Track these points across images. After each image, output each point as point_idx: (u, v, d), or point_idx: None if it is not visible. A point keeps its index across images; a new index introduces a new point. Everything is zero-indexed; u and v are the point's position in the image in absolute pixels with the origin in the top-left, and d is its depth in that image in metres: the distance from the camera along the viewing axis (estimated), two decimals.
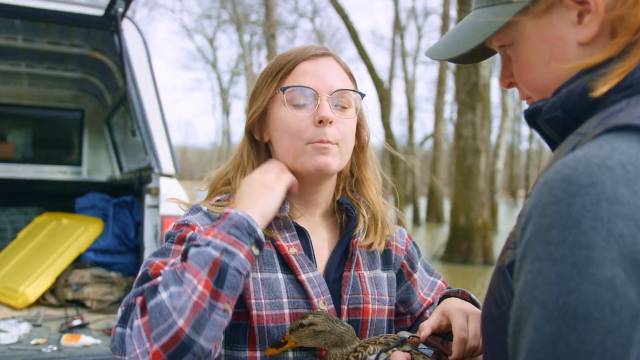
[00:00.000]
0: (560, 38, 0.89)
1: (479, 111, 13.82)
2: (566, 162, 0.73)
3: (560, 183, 0.71)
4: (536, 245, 0.70)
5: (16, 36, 4.49)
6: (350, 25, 18.73)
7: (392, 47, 31.43)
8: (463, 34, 1.01)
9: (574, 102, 0.86)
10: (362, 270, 1.37)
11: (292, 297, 1.25)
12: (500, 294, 0.83)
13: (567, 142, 0.83)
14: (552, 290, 0.66)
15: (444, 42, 1.05)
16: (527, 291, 0.70)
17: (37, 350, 2.81)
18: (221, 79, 43.65)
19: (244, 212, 1.15)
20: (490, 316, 0.87)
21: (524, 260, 0.72)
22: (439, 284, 1.56)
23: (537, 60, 0.93)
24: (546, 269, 0.68)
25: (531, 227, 0.72)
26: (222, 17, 33.14)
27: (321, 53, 1.36)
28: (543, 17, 0.90)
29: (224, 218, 1.15)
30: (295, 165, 1.32)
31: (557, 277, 0.66)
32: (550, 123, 0.90)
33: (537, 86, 0.94)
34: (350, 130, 1.35)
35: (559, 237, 0.68)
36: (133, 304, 1.10)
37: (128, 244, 4.10)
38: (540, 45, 0.91)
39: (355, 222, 1.39)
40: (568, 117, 0.87)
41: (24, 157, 5.78)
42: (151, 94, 3.83)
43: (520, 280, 0.73)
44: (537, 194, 0.74)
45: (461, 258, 13.68)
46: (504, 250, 0.86)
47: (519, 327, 0.71)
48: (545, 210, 0.71)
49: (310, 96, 1.30)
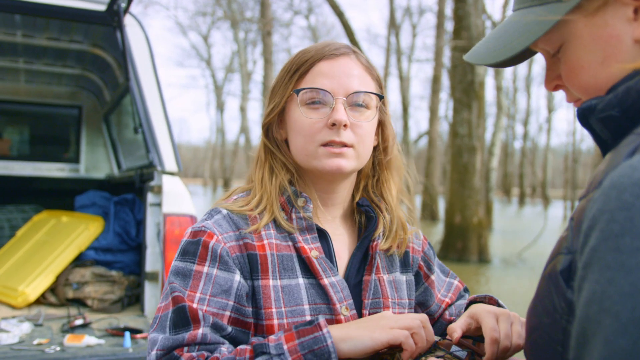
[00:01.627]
0: (615, 36, 0.86)
1: (475, 109, 13.83)
2: (635, 164, 0.69)
3: (632, 187, 0.67)
4: (605, 253, 0.67)
5: (15, 32, 4.44)
6: (345, 23, 18.70)
7: (387, 45, 31.42)
8: (507, 36, 0.97)
9: (632, 100, 0.82)
10: (381, 274, 1.34)
11: (314, 303, 1.22)
12: (552, 301, 0.80)
13: (626, 142, 0.79)
14: (626, 301, 0.62)
15: (486, 46, 1.01)
16: (596, 302, 0.66)
17: (40, 351, 2.77)
18: (215, 76, 43.63)
19: (332, 344, 1.07)
20: (540, 324, 0.83)
21: (590, 268, 0.69)
22: (456, 284, 1.54)
23: (589, 61, 0.89)
24: (619, 278, 0.64)
25: (598, 233, 0.69)
26: (217, 14, 33.04)
27: (341, 52, 1.31)
28: (596, 15, 0.87)
29: (312, 330, 1.09)
30: (309, 166, 1.29)
31: (631, 288, 0.63)
32: (604, 122, 0.86)
33: (590, 88, 0.91)
34: (368, 132, 1.30)
35: (632, 245, 0.64)
36: (177, 358, 1.11)
37: (129, 243, 4.06)
38: (594, 45, 0.88)
39: (375, 225, 1.36)
40: (624, 116, 0.83)
41: (21, 154, 5.74)
42: (154, 90, 3.79)
43: (585, 289, 0.69)
44: (603, 198, 0.70)
45: (456, 256, 13.70)
46: (554, 255, 0.83)
47: (585, 340, 0.68)
48: (614, 216, 0.67)
49: (325, 98, 1.26)
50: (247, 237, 1.22)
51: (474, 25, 13.59)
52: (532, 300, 0.88)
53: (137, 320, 3.41)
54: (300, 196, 1.29)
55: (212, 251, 1.19)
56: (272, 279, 1.21)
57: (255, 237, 1.23)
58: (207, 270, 1.19)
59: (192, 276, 1.18)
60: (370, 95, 1.30)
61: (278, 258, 1.23)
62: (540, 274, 0.88)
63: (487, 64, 1.00)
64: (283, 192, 1.30)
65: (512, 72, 41.88)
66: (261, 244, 1.23)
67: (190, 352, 1.12)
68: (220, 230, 1.22)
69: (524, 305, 0.96)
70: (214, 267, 1.19)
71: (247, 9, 30.97)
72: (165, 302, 1.19)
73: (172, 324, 1.15)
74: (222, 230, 1.22)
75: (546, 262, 0.86)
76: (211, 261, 1.19)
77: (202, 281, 1.17)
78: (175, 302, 1.16)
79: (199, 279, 1.18)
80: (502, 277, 11.92)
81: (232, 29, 31.75)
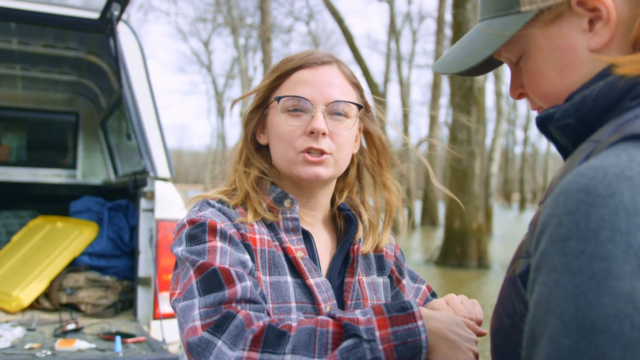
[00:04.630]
0: (571, 46, 0.88)
1: (474, 115, 13.85)
2: (582, 171, 0.71)
3: (577, 193, 0.69)
4: (552, 256, 0.69)
5: (11, 39, 4.47)
6: (345, 29, 18.77)
7: (387, 51, 31.47)
8: (471, 46, 0.99)
9: (588, 108, 0.84)
10: (360, 276, 1.37)
11: (300, 302, 1.24)
12: (512, 303, 0.82)
13: (580, 149, 0.81)
14: (569, 302, 0.65)
15: (451, 56, 1.03)
16: (543, 303, 0.68)
17: (31, 355, 2.79)
18: (216, 82, 43.71)
19: (426, 339, 1.03)
20: (501, 326, 0.85)
21: (539, 271, 0.71)
22: (423, 289, 1.56)
23: (548, 70, 0.91)
24: (563, 280, 0.66)
25: (547, 237, 0.71)
26: (218, 21, 33.13)
27: (323, 61, 1.33)
28: (553, 26, 0.89)
29: (406, 320, 1.05)
30: (289, 173, 1.32)
31: (574, 290, 0.65)
32: (562, 130, 0.88)
33: (549, 96, 0.93)
34: (347, 141, 1.33)
35: (576, 248, 0.66)
36: (233, 316, 1.06)
37: (123, 248, 4.08)
38: (552, 55, 0.90)
39: (356, 229, 1.39)
40: (581, 124, 0.86)
41: (18, 160, 5.76)
42: (147, 97, 3.82)
43: (535, 291, 0.71)
44: (552, 204, 0.72)
45: (456, 262, 13.69)
46: (515, 258, 0.85)
47: (534, 340, 0.70)
48: (561, 221, 0.69)
49: (306, 106, 1.29)
50: (242, 228, 1.25)
51: None
52: (495, 304, 0.90)
53: (130, 325, 3.43)
54: (286, 197, 1.32)
55: (220, 232, 1.20)
56: (262, 274, 1.23)
57: (249, 229, 1.25)
58: (221, 245, 1.18)
59: (206, 252, 1.16)
60: (350, 104, 1.32)
61: (269, 254, 1.25)
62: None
63: (451, 73, 1.02)
64: (269, 193, 1.32)
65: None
66: (254, 238, 1.25)
67: (241, 308, 1.08)
68: (219, 219, 1.23)
69: None
70: (226, 243, 1.19)
71: (247, 15, 31.07)
72: (185, 278, 1.16)
73: (203, 289, 1.11)
74: (221, 219, 1.24)
75: (508, 265, 0.89)
76: (222, 239, 1.19)
77: (218, 254, 1.16)
78: (202, 269, 1.13)
79: (214, 252, 1.16)
80: (501, 283, 11.90)
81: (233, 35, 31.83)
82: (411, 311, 1.05)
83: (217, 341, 1.03)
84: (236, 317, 1.05)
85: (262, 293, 1.17)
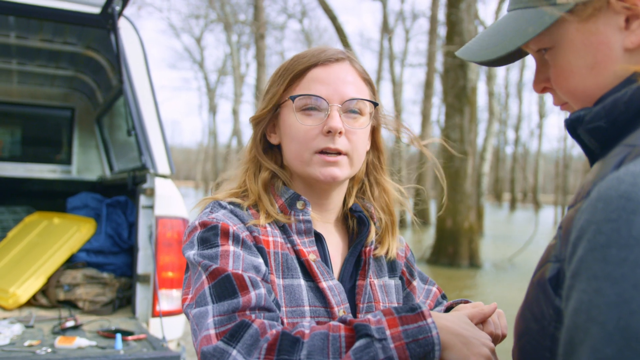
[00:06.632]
0: (605, 43, 0.87)
1: (467, 114, 13.90)
2: (621, 176, 0.70)
3: (618, 200, 0.68)
4: (592, 263, 0.68)
5: (9, 33, 4.43)
6: (338, 27, 18.74)
7: (380, 49, 31.51)
8: (501, 35, 0.97)
9: (620, 111, 0.83)
10: (372, 279, 1.35)
11: (314, 305, 1.22)
12: (540, 308, 0.81)
13: (613, 153, 0.80)
14: (612, 311, 0.64)
15: (478, 44, 1.02)
16: (583, 311, 0.68)
17: (31, 352, 2.77)
18: (208, 79, 43.56)
19: (437, 336, 1.03)
20: (528, 330, 0.85)
21: (577, 278, 0.70)
22: (434, 291, 1.55)
23: (579, 66, 0.90)
24: (605, 288, 0.65)
25: (585, 244, 0.70)
26: (210, 17, 33.02)
27: (336, 58, 1.31)
28: (589, 21, 0.88)
29: (415, 319, 1.05)
30: (303, 173, 1.30)
31: (617, 298, 0.64)
32: (592, 133, 0.87)
33: (578, 92, 0.92)
34: (362, 140, 1.32)
35: (618, 256, 0.65)
36: (248, 325, 1.06)
37: (121, 245, 4.05)
38: (584, 50, 0.89)
39: (368, 231, 1.37)
40: (612, 127, 0.85)
41: (12, 155, 5.71)
42: (147, 93, 3.80)
43: (572, 298, 0.71)
44: (590, 209, 0.71)
45: (447, 261, 13.73)
46: (543, 262, 0.84)
47: (573, 348, 0.69)
48: (601, 228, 0.68)
49: (320, 104, 1.27)
50: (255, 231, 1.23)
51: (467, 30, 13.66)
52: (521, 306, 0.89)
53: (129, 323, 3.41)
54: (299, 199, 1.30)
55: (233, 235, 1.18)
56: (275, 277, 1.21)
57: (262, 232, 1.24)
58: (233, 249, 1.17)
59: (219, 256, 1.15)
60: (364, 101, 1.31)
61: (282, 257, 1.23)
62: (530, 279, 0.89)
63: (478, 62, 1.01)
64: (281, 195, 1.31)
65: (504, 78, 42.09)
66: (267, 240, 1.23)
67: (256, 317, 1.07)
68: (232, 222, 1.22)
69: (514, 309, 0.97)
70: (238, 247, 1.17)
71: (240, 11, 30.98)
72: (197, 283, 1.14)
73: (216, 295, 1.10)
74: (233, 222, 1.22)
75: (535, 269, 0.88)
76: (234, 243, 1.18)
77: (231, 259, 1.15)
78: (215, 275, 1.12)
79: (227, 257, 1.15)
80: (493, 282, 11.97)
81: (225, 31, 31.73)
82: (420, 310, 1.06)
83: (232, 351, 1.03)
84: (251, 327, 1.05)
85: (275, 299, 1.16)
